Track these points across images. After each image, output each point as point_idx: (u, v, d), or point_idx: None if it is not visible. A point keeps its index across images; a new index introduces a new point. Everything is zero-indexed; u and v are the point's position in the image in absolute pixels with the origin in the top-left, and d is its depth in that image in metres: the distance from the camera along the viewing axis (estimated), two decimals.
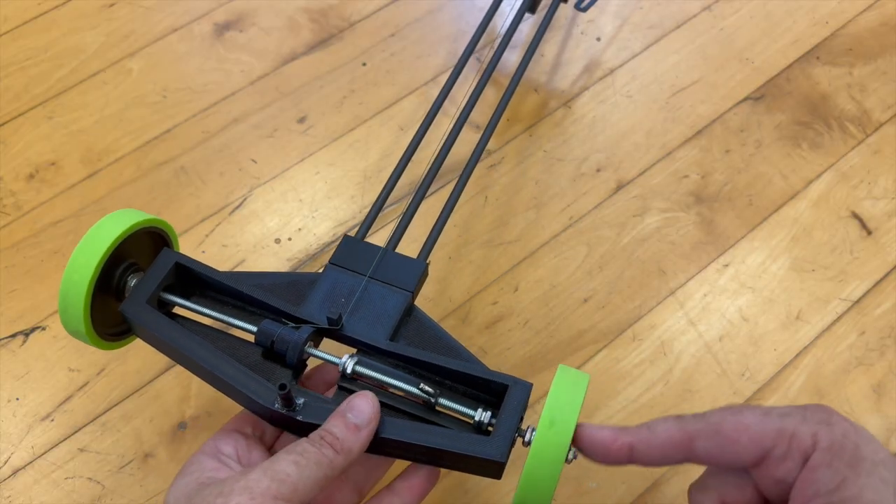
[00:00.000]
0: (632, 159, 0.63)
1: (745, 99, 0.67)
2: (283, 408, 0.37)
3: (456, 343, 0.41)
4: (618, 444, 0.34)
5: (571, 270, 0.58)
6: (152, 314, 0.40)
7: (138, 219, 0.41)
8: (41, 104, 0.65)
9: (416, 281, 0.43)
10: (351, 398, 0.36)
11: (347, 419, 0.35)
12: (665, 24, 0.71)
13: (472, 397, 0.39)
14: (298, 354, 0.39)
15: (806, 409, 0.33)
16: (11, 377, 0.53)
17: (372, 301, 0.42)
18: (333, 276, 0.42)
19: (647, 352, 0.55)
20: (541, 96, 0.67)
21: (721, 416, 0.33)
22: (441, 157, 0.50)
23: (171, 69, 0.68)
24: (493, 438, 0.36)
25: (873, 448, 0.31)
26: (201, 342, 0.39)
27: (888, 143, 0.64)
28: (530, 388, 0.37)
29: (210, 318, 0.41)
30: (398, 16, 0.71)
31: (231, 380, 0.38)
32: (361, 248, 0.44)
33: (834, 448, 0.31)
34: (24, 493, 0.50)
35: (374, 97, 0.66)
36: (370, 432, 0.35)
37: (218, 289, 0.42)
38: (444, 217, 0.47)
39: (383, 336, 0.40)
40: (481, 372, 0.38)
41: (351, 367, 0.39)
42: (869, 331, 0.56)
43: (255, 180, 0.62)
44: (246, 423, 0.40)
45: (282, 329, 0.39)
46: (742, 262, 0.59)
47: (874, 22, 0.71)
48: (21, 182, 0.62)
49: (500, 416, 0.36)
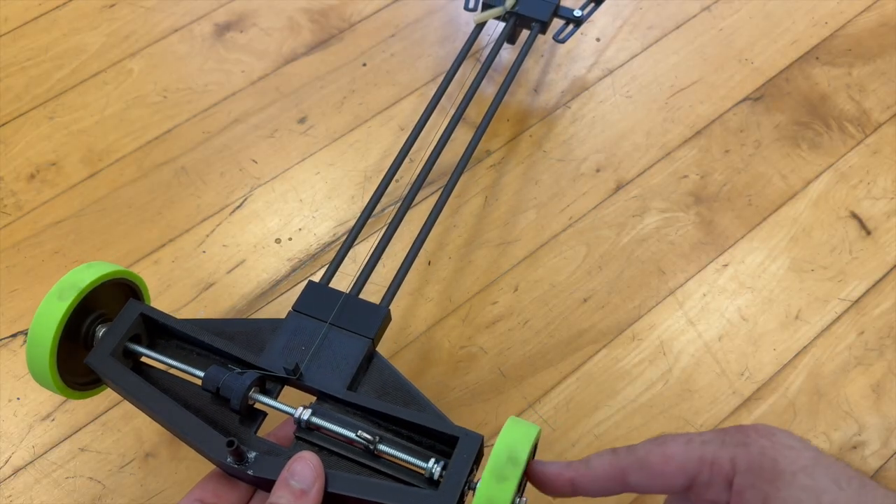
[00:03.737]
0: (631, 159, 0.63)
1: (745, 99, 0.67)
2: (235, 462, 0.37)
3: (416, 391, 0.41)
4: (561, 480, 0.36)
5: (571, 270, 0.58)
6: (115, 366, 0.40)
7: (104, 271, 0.41)
8: (42, 104, 0.66)
9: (377, 327, 0.43)
10: (290, 463, 0.36)
11: (292, 486, 0.35)
12: (664, 24, 0.71)
13: (429, 447, 0.39)
14: (242, 401, 0.39)
15: (725, 432, 0.34)
16: (12, 377, 0.53)
17: (332, 348, 0.42)
18: (295, 323, 0.43)
19: (647, 351, 0.55)
20: (541, 97, 0.67)
21: (647, 449, 0.35)
22: (426, 170, 0.50)
23: (171, 69, 0.68)
24: (441, 493, 0.35)
25: (792, 457, 0.32)
26: (160, 396, 0.40)
27: (887, 143, 0.65)
28: (481, 441, 0.37)
29: (172, 367, 0.41)
30: (398, 16, 0.71)
31: (186, 434, 0.38)
32: (325, 294, 0.44)
33: (753, 468, 0.32)
34: (25, 493, 0.50)
35: (374, 97, 0.66)
36: (318, 491, 0.36)
37: (182, 337, 0.43)
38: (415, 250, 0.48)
39: (342, 384, 0.40)
40: (432, 423, 0.38)
41: (306, 421, 0.39)
42: (868, 331, 0.56)
43: (255, 180, 0.62)
44: (207, 492, 0.39)
45: (227, 375, 0.39)
46: (741, 262, 0.59)
47: (873, 22, 0.71)
48: (22, 182, 0.62)
49: (449, 470, 0.36)
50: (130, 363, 0.42)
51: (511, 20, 0.61)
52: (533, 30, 0.61)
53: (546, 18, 0.61)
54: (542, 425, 0.52)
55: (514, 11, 0.61)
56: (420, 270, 0.58)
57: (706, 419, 0.53)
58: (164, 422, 0.39)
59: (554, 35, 0.62)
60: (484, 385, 0.54)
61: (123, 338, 0.41)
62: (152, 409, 0.39)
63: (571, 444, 0.52)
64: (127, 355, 0.42)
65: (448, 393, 0.53)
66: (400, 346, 0.55)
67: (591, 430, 0.52)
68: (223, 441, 0.37)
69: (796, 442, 0.33)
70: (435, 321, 0.56)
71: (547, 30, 0.62)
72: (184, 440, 0.39)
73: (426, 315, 0.56)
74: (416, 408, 0.40)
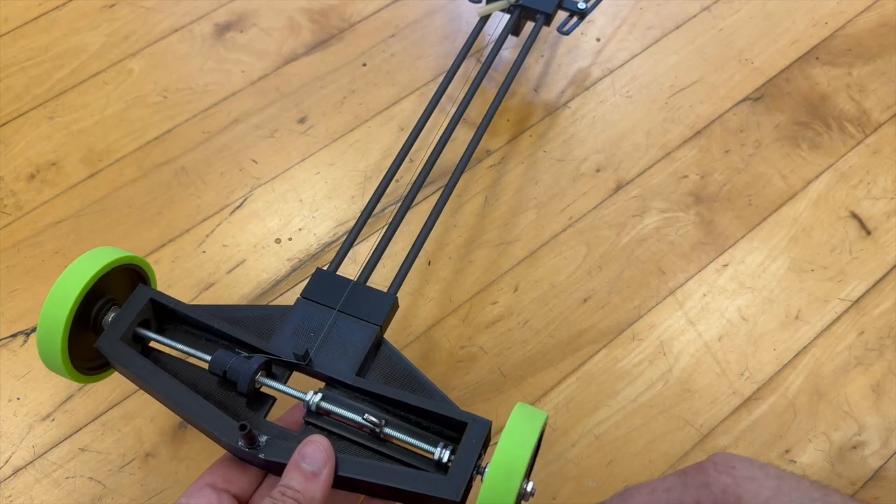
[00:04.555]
0: (631, 159, 0.63)
1: (745, 99, 0.67)
2: (246, 446, 0.37)
3: (424, 378, 0.41)
4: None
5: (571, 270, 0.58)
6: (125, 351, 0.40)
7: (114, 257, 0.41)
8: (42, 104, 0.66)
9: (385, 314, 0.43)
10: (301, 446, 0.37)
11: (303, 469, 0.36)
12: (664, 24, 0.71)
13: (438, 433, 0.39)
14: (249, 384, 0.39)
15: (686, 474, 0.34)
16: (12, 377, 0.53)
17: (341, 335, 0.42)
18: (304, 310, 0.43)
19: (647, 351, 0.55)
20: (541, 97, 0.67)
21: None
22: (424, 171, 0.50)
23: (171, 70, 0.68)
24: (450, 478, 0.36)
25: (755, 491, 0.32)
26: (170, 379, 0.40)
27: (887, 143, 0.65)
28: (489, 426, 0.37)
29: (181, 352, 0.42)
30: (398, 16, 0.71)
31: (197, 418, 0.38)
32: (333, 282, 0.44)
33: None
34: (25, 493, 0.50)
35: (374, 97, 0.66)
36: (329, 474, 0.36)
37: (191, 323, 0.43)
38: (418, 247, 0.48)
39: (350, 370, 0.40)
40: (440, 409, 0.38)
41: (316, 404, 0.39)
42: (868, 331, 0.56)
43: (255, 180, 0.62)
44: (217, 477, 0.39)
45: (234, 359, 0.39)
46: (741, 262, 0.59)
47: (873, 22, 0.71)
48: (22, 182, 0.62)
49: (458, 455, 0.36)
50: (139, 348, 0.42)
51: (516, 12, 0.61)
52: (537, 22, 0.61)
53: (550, 10, 0.61)
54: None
55: (519, 3, 0.61)
56: (420, 270, 0.58)
57: (706, 419, 0.53)
58: (174, 406, 0.39)
59: (558, 27, 0.63)
60: (484, 385, 0.54)
61: (133, 323, 0.41)
62: (163, 394, 0.39)
63: (571, 444, 0.52)
64: (136, 340, 0.42)
65: (448, 393, 0.53)
66: (400, 346, 0.55)
67: (591, 430, 0.52)
68: (235, 425, 0.37)
69: (756, 471, 0.33)
70: (435, 321, 0.56)
71: (551, 22, 0.62)
72: (194, 424, 0.39)
73: (426, 315, 0.56)
74: (424, 394, 0.40)
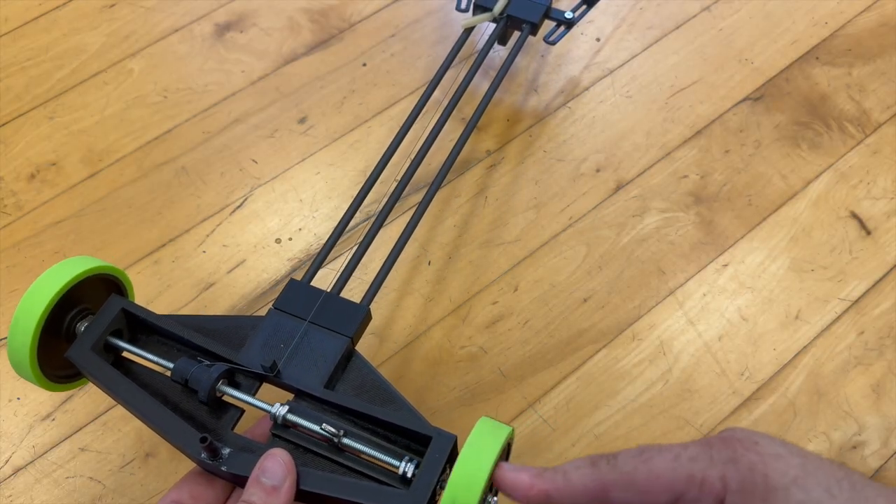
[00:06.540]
0: (631, 159, 0.63)
1: (745, 99, 0.67)
2: (209, 458, 0.37)
3: (394, 391, 0.41)
4: (535, 491, 0.34)
5: (571, 270, 0.58)
6: (93, 360, 0.40)
7: (86, 267, 0.41)
8: (42, 104, 0.66)
9: (357, 326, 0.43)
10: (261, 460, 0.36)
11: (263, 483, 0.36)
12: (664, 24, 0.71)
13: (405, 447, 0.39)
14: (210, 392, 0.39)
15: (712, 447, 0.33)
16: (12, 377, 0.53)
17: (311, 346, 0.42)
18: (275, 321, 0.43)
19: (647, 351, 0.55)
20: (541, 97, 0.67)
21: (633, 465, 0.34)
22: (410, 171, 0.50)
23: (171, 70, 0.68)
24: (411, 492, 0.36)
25: (782, 469, 0.31)
26: (137, 390, 0.40)
27: (887, 143, 0.65)
28: (454, 440, 0.37)
29: (148, 361, 0.42)
30: (398, 16, 0.71)
31: (162, 429, 0.38)
32: (305, 292, 0.44)
33: (745, 487, 0.31)
34: (26, 493, 0.50)
35: (374, 97, 0.66)
36: (290, 488, 0.36)
37: (162, 333, 0.43)
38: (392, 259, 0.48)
39: (319, 382, 0.40)
40: (406, 422, 0.38)
41: (282, 416, 0.39)
42: (868, 330, 0.56)
43: (255, 180, 0.62)
44: (184, 492, 0.39)
45: (196, 367, 0.39)
46: (741, 262, 0.59)
47: (873, 22, 0.71)
48: (22, 182, 0.62)
49: (422, 469, 0.36)
50: (111, 358, 0.42)
51: (502, 22, 0.61)
52: (523, 31, 0.61)
53: (536, 20, 0.61)
54: (541, 425, 0.52)
55: (505, 14, 0.61)
56: (420, 270, 0.58)
57: (706, 419, 0.53)
58: (140, 416, 0.39)
59: (545, 37, 0.62)
60: (484, 385, 0.54)
61: (104, 332, 0.41)
62: (129, 404, 0.39)
63: (571, 444, 0.52)
64: (108, 350, 0.42)
65: (448, 393, 0.53)
66: (400, 346, 0.55)
67: (591, 430, 0.52)
68: (198, 437, 0.37)
69: (781, 448, 0.32)
70: (435, 321, 0.56)
71: (538, 31, 0.62)
72: (161, 435, 0.39)
73: (426, 315, 0.56)
74: (394, 407, 0.40)
